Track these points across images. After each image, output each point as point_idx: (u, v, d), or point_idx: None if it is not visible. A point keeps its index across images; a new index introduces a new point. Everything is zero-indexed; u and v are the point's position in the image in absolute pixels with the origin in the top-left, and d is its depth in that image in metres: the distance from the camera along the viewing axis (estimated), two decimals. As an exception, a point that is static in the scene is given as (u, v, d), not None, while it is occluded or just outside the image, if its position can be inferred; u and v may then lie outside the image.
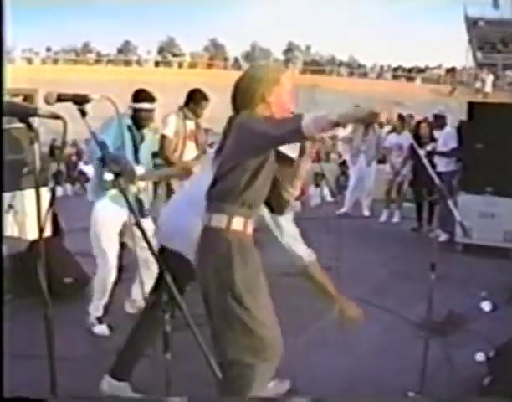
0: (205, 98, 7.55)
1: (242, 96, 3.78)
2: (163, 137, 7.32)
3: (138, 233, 3.19)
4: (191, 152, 7.51)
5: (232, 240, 3.57)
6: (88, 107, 3.07)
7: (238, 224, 3.60)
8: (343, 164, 17.10)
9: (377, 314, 6.85)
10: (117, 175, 3.18)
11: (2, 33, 3.21)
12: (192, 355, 3.11)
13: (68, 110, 3.08)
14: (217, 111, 22.75)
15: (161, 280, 2.97)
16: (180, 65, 43.95)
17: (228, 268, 3.54)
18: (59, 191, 18.58)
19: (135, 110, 6.08)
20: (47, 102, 3.02)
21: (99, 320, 6.17)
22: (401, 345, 6.07)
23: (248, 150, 3.50)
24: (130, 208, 3.12)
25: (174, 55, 47.46)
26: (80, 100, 3.01)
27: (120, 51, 51.80)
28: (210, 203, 3.64)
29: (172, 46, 53.88)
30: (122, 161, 5.79)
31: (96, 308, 6.19)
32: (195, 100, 7.50)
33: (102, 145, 5.48)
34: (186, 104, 7.52)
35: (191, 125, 7.56)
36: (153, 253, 2.98)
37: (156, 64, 45.12)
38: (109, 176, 5.68)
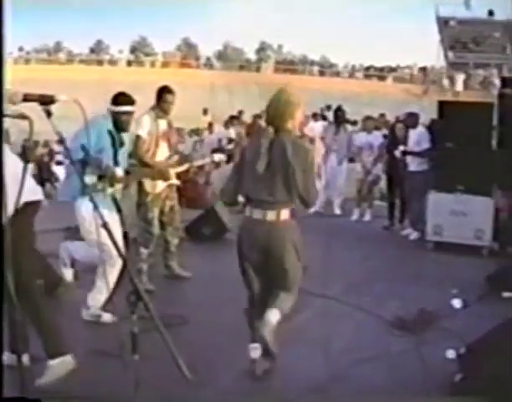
0: (170, 92, 7.52)
1: (279, 114, 4.89)
2: (137, 138, 7.27)
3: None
4: (163, 152, 7.48)
5: None
6: (61, 108, 3.06)
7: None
8: None
9: (350, 312, 6.90)
10: (99, 178, 3.19)
11: (2, 33, 3.19)
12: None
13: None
14: (189, 110, 22.71)
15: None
16: (152, 65, 43.80)
17: None
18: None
19: (115, 114, 6.12)
20: (12, 102, 3.00)
21: (103, 309, 6.21)
22: (375, 343, 6.08)
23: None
24: (97, 209, 3.09)
25: (146, 55, 47.29)
26: (46, 101, 2.99)
27: (92, 50, 51.51)
28: None
29: (145, 45, 53.67)
30: (103, 164, 5.81)
31: (98, 300, 6.19)
32: (163, 97, 7.48)
33: (83, 148, 5.49)
34: (157, 103, 7.49)
35: (163, 124, 7.52)
36: (121, 254, 2.96)
37: (129, 63, 44.92)
38: (90, 179, 5.68)
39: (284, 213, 4.89)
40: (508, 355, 4.91)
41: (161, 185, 7.41)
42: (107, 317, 6.20)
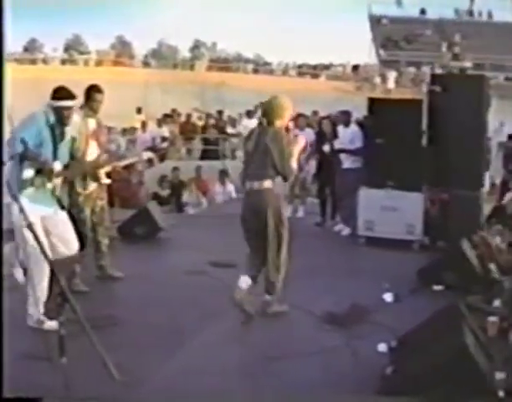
0: (99, 91, 7.46)
1: (270, 112, 6.56)
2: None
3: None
4: (93, 151, 7.39)
5: None
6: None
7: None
8: None
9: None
10: (37, 172, 3.14)
11: (2, 33, 3.12)
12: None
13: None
14: (123, 109, 22.48)
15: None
16: (86, 63, 43.21)
17: None
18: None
19: (56, 108, 6.04)
20: None
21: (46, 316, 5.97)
22: (306, 339, 6.11)
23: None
24: (21, 210, 3.04)
25: (81, 53, 46.63)
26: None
27: (25, 49, 50.57)
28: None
29: (79, 44, 52.92)
30: (41, 158, 5.73)
31: (36, 305, 5.98)
32: (91, 96, 7.41)
33: (22, 141, 5.41)
34: (86, 102, 7.41)
35: (92, 123, 7.44)
36: (45, 256, 2.92)
37: (63, 62, 44.22)
38: (28, 173, 5.61)
39: (267, 183, 6.45)
40: (437, 347, 5.01)
41: (92, 185, 7.35)
42: (50, 325, 5.91)
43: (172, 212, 13.20)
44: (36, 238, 2.85)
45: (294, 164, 6.57)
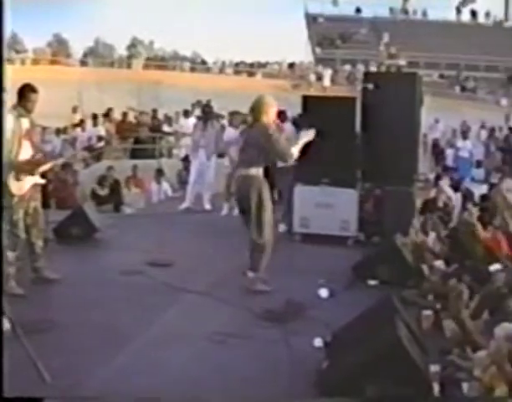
0: (33, 90, 7.37)
1: (257, 110, 7.51)
2: None
3: None
4: (26, 151, 7.30)
5: None
6: None
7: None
8: (185, 159, 17.11)
9: (220, 306, 6.96)
10: None
11: (2, 33, 3.06)
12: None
13: None
14: (59, 108, 22.17)
15: None
16: (23, 62, 42.48)
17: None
18: None
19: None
20: None
21: None
22: (243, 335, 6.13)
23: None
24: None
25: (17, 52, 45.84)
26: None
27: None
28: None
29: (16, 42, 52.04)
30: None
31: None
32: (25, 95, 7.32)
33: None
34: (19, 102, 7.32)
35: (25, 123, 7.34)
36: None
37: None
38: None
39: (253, 171, 7.43)
40: (371, 341, 5.09)
41: (26, 186, 7.25)
42: None
43: (110, 211, 13.12)
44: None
45: (294, 149, 7.49)
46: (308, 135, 7.67)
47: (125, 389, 4.99)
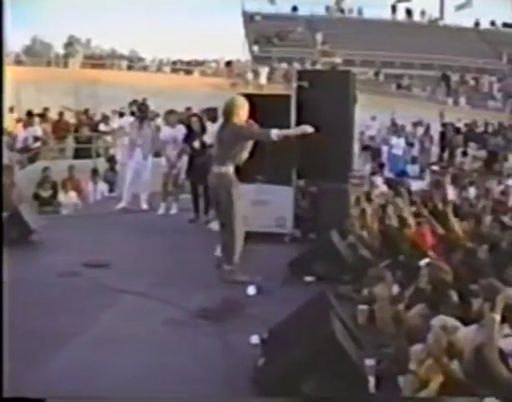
0: None
1: (228, 111, 7.95)
2: None
3: None
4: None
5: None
6: None
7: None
8: (111, 159, 17.00)
9: (157, 306, 6.96)
10: None
11: (1, 33, 3.00)
12: None
13: None
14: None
15: None
16: (-46, 63, 41.58)
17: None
18: None
19: None
20: None
21: None
22: (180, 334, 6.18)
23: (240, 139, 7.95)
24: None
25: None
26: None
27: None
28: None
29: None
30: None
31: None
32: None
33: None
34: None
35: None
36: None
37: None
38: None
39: (224, 169, 7.97)
40: (306, 336, 5.16)
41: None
42: None
43: (43, 213, 12.97)
44: None
45: (274, 130, 7.83)
46: (302, 129, 8.12)
47: (65, 389, 4.97)
